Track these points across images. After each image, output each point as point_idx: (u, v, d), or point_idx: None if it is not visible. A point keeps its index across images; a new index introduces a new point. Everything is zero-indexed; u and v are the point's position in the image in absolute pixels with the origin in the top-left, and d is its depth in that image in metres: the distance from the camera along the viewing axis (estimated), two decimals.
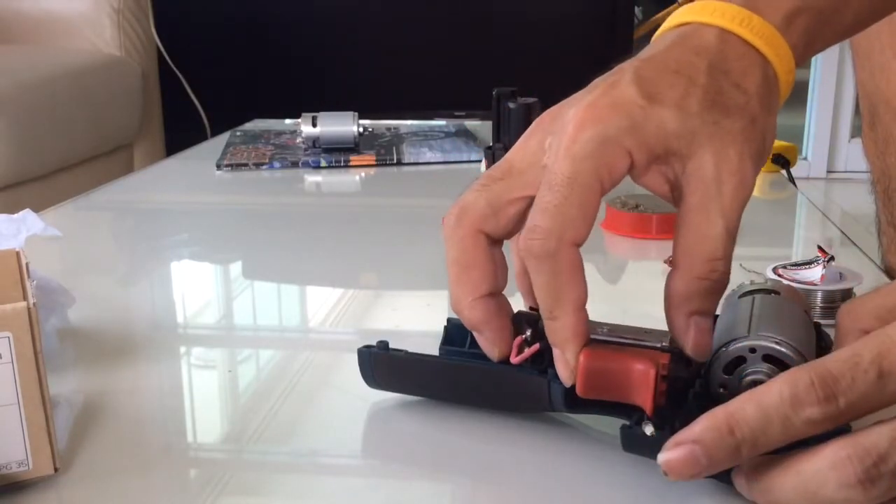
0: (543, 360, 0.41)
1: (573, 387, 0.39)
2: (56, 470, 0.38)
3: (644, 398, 0.38)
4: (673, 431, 0.36)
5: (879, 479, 0.30)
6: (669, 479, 0.34)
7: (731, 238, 0.37)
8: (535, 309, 0.43)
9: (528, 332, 0.42)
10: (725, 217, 0.37)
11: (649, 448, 0.37)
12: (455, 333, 0.46)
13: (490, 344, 0.41)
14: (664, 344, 0.39)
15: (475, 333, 0.42)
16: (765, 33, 0.39)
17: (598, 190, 0.36)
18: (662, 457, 0.34)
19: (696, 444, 0.33)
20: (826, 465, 0.31)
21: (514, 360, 0.42)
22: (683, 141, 0.37)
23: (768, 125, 0.38)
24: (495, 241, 0.41)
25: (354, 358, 0.46)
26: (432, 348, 0.45)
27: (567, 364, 0.38)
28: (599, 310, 0.47)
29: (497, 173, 0.41)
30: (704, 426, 0.33)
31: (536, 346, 0.41)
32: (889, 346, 0.31)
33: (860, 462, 0.31)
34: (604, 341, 0.40)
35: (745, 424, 0.32)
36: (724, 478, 0.36)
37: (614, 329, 0.41)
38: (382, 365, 0.45)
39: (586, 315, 0.38)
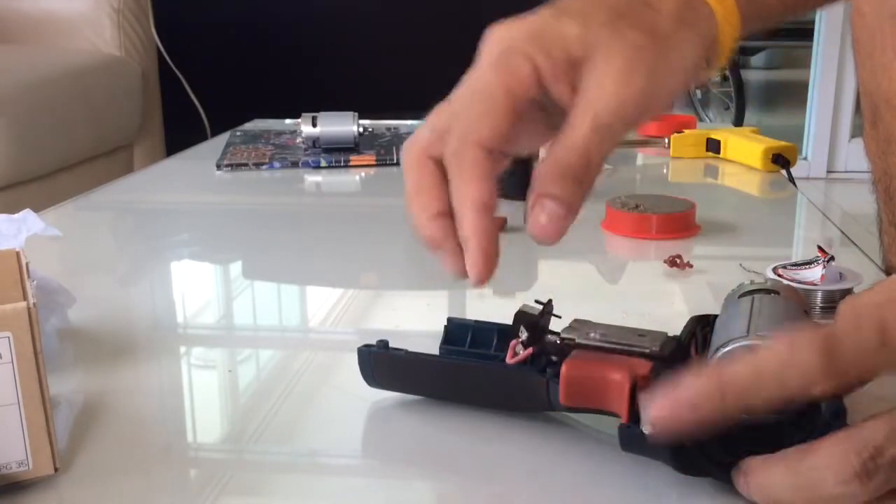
0: (542, 361, 0.42)
1: None
2: (56, 470, 0.38)
3: (620, 409, 0.38)
4: None
5: (876, 473, 0.31)
6: (652, 430, 0.35)
7: (596, 132, 0.38)
8: (539, 301, 0.44)
9: (524, 336, 0.42)
10: (596, 112, 0.38)
11: (647, 447, 0.37)
12: (455, 333, 0.46)
13: (450, 262, 0.40)
14: (654, 349, 0.39)
15: (437, 254, 0.41)
16: None
17: (502, 94, 0.38)
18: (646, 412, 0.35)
19: (681, 397, 0.34)
20: (823, 461, 0.31)
21: (510, 361, 0.42)
22: (581, 46, 0.39)
23: (676, 41, 0.40)
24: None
25: (354, 358, 0.46)
26: (432, 348, 0.45)
27: (472, 262, 0.38)
28: (599, 310, 0.47)
29: (443, 104, 0.42)
30: (692, 390, 0.34)
31: (530, 350, 0.42)
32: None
33: (857, 456, 0.31)
34: (594, 347, 0.40)
35: (737, 379, 0.33)
36: (724, 477, 0.36)
37: (608, 332, 0.41)
38: (382, 364, 0.45)
39: (488, 217, 0.38)
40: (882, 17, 0.80)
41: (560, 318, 0.44)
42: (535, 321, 0.42)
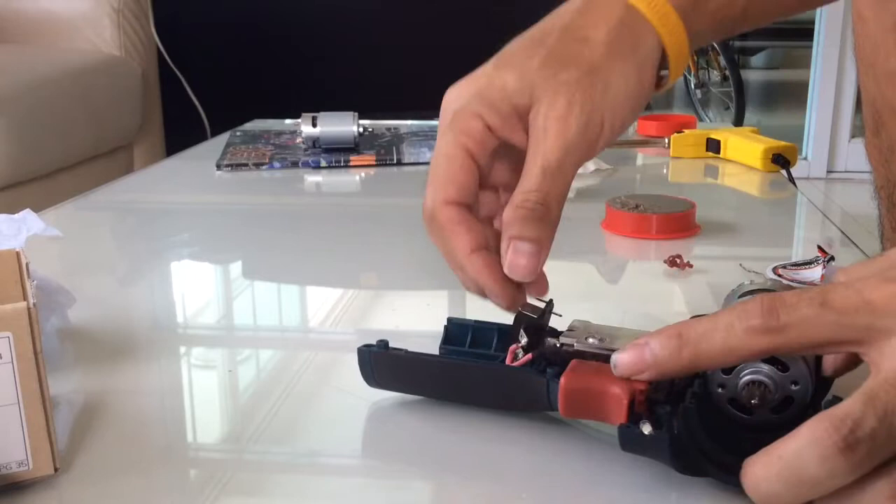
0: (542, 361, 0.42)
1: None
2: (56, 470, 0.38)
3: (619, 422, 0.38)
4: (671, 431, 0.36)
5: (858, 445, 0.31)
6: (615, 373, 0.37)
7: (546, 175, 0.41)
8: (540, 299, 0.44)
9: (524, 341, 0.42)
10: (544, 157, 0.41)
11: (647, 447, 0.37)
12: (455, 333, 0.46)
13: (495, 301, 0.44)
14: None
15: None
16: None
17: (460, 154, 0.42)
18: (616, 355, 0.37)
19: (647, 344, 0.35)
20: (804, 442, 0.31)
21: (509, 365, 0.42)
22: (524, 96, 0.42)
23: (609, 71, 0.42)
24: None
25: (354, 358, 0.46)
26: (432, 348, 0.45)
27: (500, 298, 0.42)
28: (600, 310, 0.47)
29: None
30: (659, 330, 0.35)
31: (529, 355, 0.42)
32: (837, 285, 0.33)
33: (836, 431, 0.31)
34: (591, 355, 0.40)
35: (691, 329, 0.35)
36: (724, 477, 0.36)
37: (607, 337, 0.41)
38: (382, 364, 0.45)
39: (485, 255, 0.42)
40: (885, 26, 0.80)
41: (560, 316, 0.44)
42: (535, 323, 0.42)
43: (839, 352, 0.38)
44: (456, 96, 0.44)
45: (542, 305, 0.43)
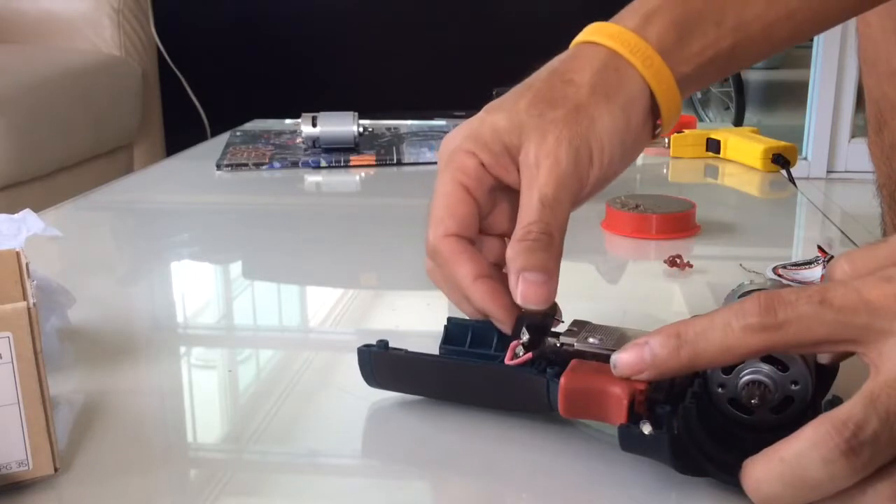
0: (542, 361, 0.42)
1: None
2: (56, 470, 0.38)
3: (618, 422, 0.38)
4: (671, 431, 0.36)
5: (861, 448, 0.30)
6: (615, 373, 0.37)
7: (545, 206, 0.43)
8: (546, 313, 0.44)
9: (525, 338, 0.42)
10: (539, 191, 0.43)
11: (647, 447, 0.37)
12: (455, 333, 0.46)
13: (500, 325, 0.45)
14: None
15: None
16: (613, 33, 0.46)
17: (456, 189, 0.44)
18: (615, 355, 0.37)
19: (646, 343, 0.36)
20: (807, 445, 0.31)
21: (508, 363, 0.42)
22: (514, 135, 0.44)
23: (593, 110, 0.44)
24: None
25: (354, 358, 0.46)
26: (432, 348, 0.45)
27: (506, 324, 0.43)
28: (600, 310, 0.47)
29: None
30: (658, 330, 0.36)
31: (529, 354, 0.42)
32: (837, 284, 0.33)
33: (839, 434, 0.31)
34: (591, 355, 0.40)
35: (689, 328, 0.35)
36: (724, 477, 0.36)
37: (606, 337, 0.41)
38: (382, 364, 0.45)
39: (489, 282, 0.43)
40: (888, 27, 0.81)
41: (562, 322, 0.44)
42: (538, 323, 0.42)
43: (836, 351, 0.38)
44: (451, 139, 0.46)
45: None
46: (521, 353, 0.42)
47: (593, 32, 0.47)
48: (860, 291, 0.33)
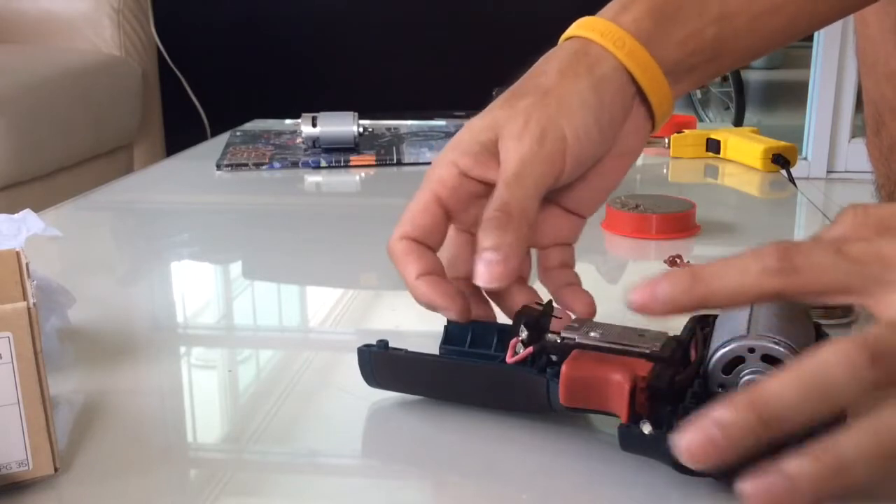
0: (542, 360, 0.42)
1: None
2: (56, 470, 0.38)
3: (620, 410, 0.38)
4: (671, 431, 0.36)
5: (885, 357, 0.31)
6: (630, 307, 0.36)
7: (505, 185, 0.44)
8: (538, 303, 0.44)
9: (524, 334, 0.42)
10: (503, 171, 0.44)
11: (647, 447, 0.37)
12: (455, 333, 0.46)
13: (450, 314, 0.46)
14: (654, 349, 0.39)
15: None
16: (587, 24, 0.47)
17: (427, 199, 0.46)
18: (630, 294, 0.36)
19: (660, 281, 0.36)
20: (831, 351, 0.31)
21: (510, 360, 0.42)
22: (490, 131, 0.46)
23: (561, 90, 0.45)
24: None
25: (354, 358, 0.46)
26: (432, 348, 0.45)
27: (449, 310, 0.44)
28: (600, 310, 0.47)
29: None
30: (668, 278, 0.36)
31: (530, 349, 0.42)
32: (854, 239, 0.35)
33: (864, 344, 0.31)
34: (593, 347, 0.40)
35: (705, 269, 0.35)
36: (724, 477, 0.36)
37: (608, 332, 0.41)
38: (382, 364, 0.45)
39: (430, 278, 0.44)
40: (886, 27, 0.81)
41: (560, 318, 0.44)
42: (536, 320, 0.42)
43: (844, 301, 0.37)
44: (438, 156, 0.47)
45: (541, 308, 0.43)
46: (520, 350, 0.42)
47: (573, 28, 0.48)
48: (876, 246, 0.34)
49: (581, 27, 0.47)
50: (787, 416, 0.31)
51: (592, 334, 0.41)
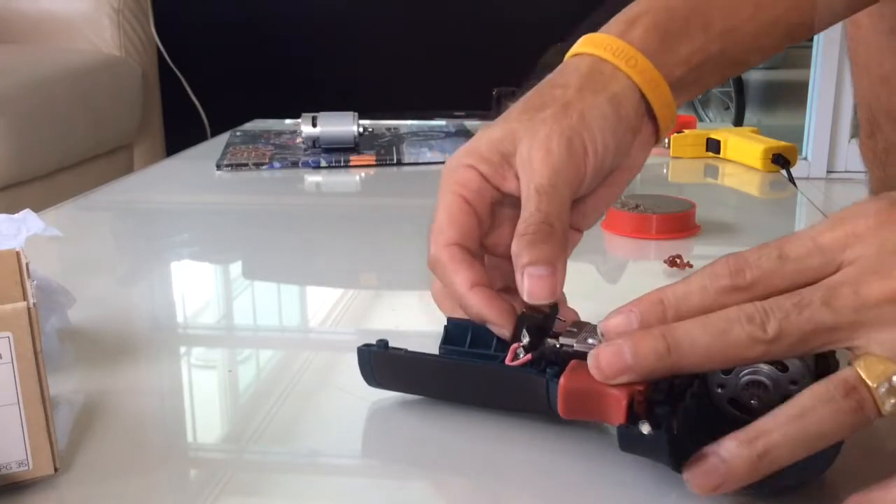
0: (542, 362, 0.42)
1: None
2: (56, 470, 0.38)
3: (618, 422, 0.38)
4: (670, 431, 0.36)
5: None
6: (604, 336, 0.38)
7: (541, 195, 0.44)
8: (536, 309, 0.44)
9: (525, 340, 0.42)
10: (535, 181, 0.44)
11: (646, 447, 0.37)
12: (455, 333, 0.46)
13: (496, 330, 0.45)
14: None
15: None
16: (598, 41, 0.48)
17: (456, 200, 0.45)
18: (602, 323, 0.38)
19: (631, 311, 0.37)
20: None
21: (509, 364, 0.42)
22: (508, 142, 0.45)
23: (581, 103, 0.46)
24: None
25: (354, 358, 0.46)
26: (432, 348, 0.45)
27: (503, 329, 0.43)
28: (600, 310, 0.47)
29: None
30: (641, 298, 0.38)
31: (529, 356, 0.42)
32: (792, 238, 0.36)
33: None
34: None
35: (669, 293, 0.37)
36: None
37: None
38: (382, 364, 0.45)
39: (485, 290, 0.44)
40: (879, 30, 0.81)
41: (563, 321, 0.44)
42: (539, 325, 0.42)
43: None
44: (451, 159, 0.47)
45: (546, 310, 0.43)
46: (521, 355, 0.42)
47: (581, 44, 0.48)
48: (813, 238, 0.36)
49: (590, 44, 0.48)
50: (687, 350, 0.35)
51: (590, 341, 0.41)
